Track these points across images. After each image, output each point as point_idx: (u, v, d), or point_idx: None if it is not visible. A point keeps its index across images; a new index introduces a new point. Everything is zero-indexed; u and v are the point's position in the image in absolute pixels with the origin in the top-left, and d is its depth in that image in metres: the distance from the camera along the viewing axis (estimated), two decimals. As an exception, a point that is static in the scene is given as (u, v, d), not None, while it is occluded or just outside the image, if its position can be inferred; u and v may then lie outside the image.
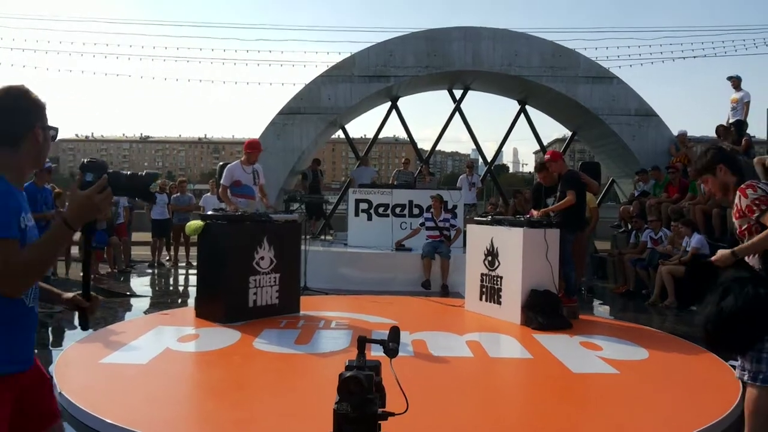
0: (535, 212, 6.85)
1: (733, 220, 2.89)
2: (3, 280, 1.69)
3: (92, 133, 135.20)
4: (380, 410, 1.90)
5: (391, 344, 2.02)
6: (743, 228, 2.82)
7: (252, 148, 7.00)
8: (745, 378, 2.78)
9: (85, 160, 1.83)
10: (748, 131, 10.88)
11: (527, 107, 14.64)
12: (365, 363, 1.95)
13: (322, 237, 12.11)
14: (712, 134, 11.45)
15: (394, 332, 2.05)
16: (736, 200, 2.83)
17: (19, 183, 1.84)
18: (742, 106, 10.75)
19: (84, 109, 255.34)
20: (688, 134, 12.55)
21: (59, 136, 2.00)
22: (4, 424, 1.82)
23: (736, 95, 10.90)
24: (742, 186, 2.82)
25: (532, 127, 14.86)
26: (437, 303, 7.63)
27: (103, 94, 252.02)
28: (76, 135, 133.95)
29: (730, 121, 10.93)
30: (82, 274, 2.11)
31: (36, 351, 5.32)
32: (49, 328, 6.19)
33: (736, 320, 2.61)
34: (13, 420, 1.85)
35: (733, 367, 4.41)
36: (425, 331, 5.75)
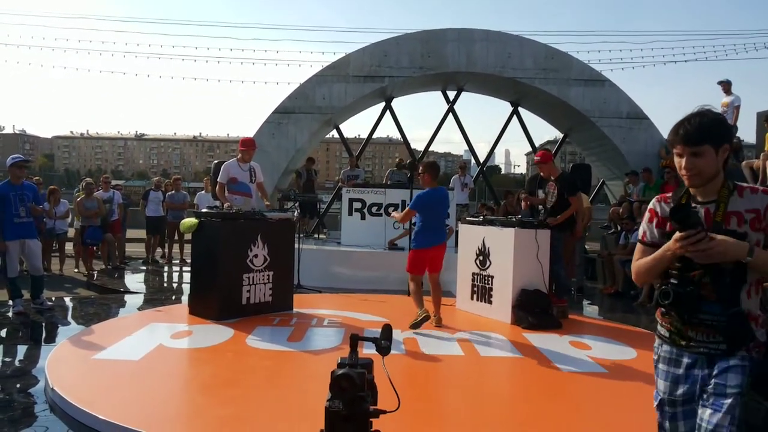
0: (524, 202, 6.92)
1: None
2: None
3: (87, 131, 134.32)
4: (372, 408, 1.92)
5: (384, 342, 2.04)
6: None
7: (246, 145, 7.02)
8: None
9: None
10: (738, 135, 11.01)
11: (520, 109, 14.72)
12: (357, 361, 1.97)
13: (316, 235, 12.13)
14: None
15: (387, 330, 2.08)
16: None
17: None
18: (732, 110, 10.86)
19: (79, 107, 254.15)
20: (679, 137, 12.67)
21: (54, 133, 2.07)
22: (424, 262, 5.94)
23: (726, 99, 11.01)
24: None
25: (524, 129, 14.95)
26: (429, 302, 7.66)
27: (98, 91, 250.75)
28: (71, 132, 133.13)
29: (721, 124, 11.06)
30: None
31: (27, 347, 5.31)
32: (42, 324, 6.20)
33: None
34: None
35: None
36: (417, 329, 5.80)
